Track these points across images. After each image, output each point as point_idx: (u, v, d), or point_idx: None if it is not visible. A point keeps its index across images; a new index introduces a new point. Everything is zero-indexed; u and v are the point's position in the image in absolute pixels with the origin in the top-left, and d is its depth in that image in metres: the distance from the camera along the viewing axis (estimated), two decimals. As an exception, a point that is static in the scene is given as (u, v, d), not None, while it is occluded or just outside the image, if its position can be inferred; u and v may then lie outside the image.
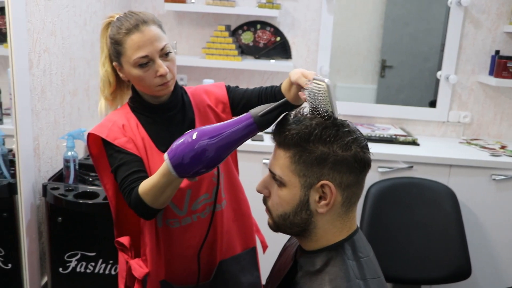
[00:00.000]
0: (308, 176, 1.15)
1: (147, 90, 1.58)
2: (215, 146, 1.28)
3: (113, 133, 1.56)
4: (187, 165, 1.29)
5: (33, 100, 2.18)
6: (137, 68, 1.52)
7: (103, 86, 1.65)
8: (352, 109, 3.52)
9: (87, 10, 2.68)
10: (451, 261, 2.76)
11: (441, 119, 3.48)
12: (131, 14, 1.53)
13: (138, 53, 1.49)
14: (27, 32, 2.09)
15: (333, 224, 1.20)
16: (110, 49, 1.58)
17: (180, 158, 1.29)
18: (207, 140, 1.28)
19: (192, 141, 1.28)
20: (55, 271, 2.26)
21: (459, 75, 3.40)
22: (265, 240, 1.96)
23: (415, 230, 2.82)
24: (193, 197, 1.64)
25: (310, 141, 1.14)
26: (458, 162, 2.97)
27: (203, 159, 1.28)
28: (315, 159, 1.13)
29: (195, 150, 1.28)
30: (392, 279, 2.82)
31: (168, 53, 1.54)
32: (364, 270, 1.20)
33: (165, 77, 1.53)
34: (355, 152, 1.15)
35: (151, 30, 1.51)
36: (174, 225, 1.65)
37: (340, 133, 1.15)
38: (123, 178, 1.52)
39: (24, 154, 2.12)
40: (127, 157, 1.54)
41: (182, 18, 3.44)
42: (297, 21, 3.41)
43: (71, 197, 2.15)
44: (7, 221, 2.16)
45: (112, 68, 1.62)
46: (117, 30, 1.52)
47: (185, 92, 1.71)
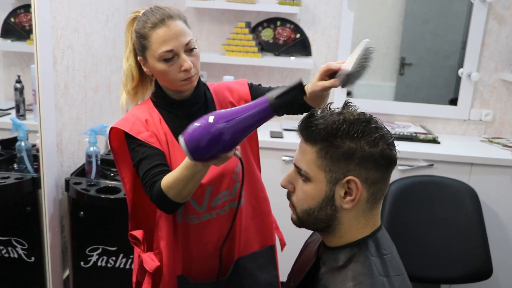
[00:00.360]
0: (334, 172, 1.14)
1: (171, 85, 1.58)
2: (231, 130, 1.28)
3: (136, 127, 1.57)
4: (203, 148, 1.28)
5: (57, 96, 2.21)
6: (161, 62, 1.52)
7: (126, 80, 1.66)
8: (371, 106, 3.50)
9: (110, 7, 2.70)
10: (472, 261, 2.74)
11: (462, 117, 3.45)
12: (157, 9, 1.54)
13: (164, 47, 1.50)
14: (52, 29, 2.12)
15: (358, 220, 1.20)
16: (135, 43, 1.59)
17: (196, 141, 1.28)
18: (224, 123, 1.27)
19: (208, 124, 1.28)
20: (77, 265, 2.29)
21: (482, 72, 3.37)
22: (284, 238, 1.96)
23: (435, 228, 2.80)
24: (213, 194, 1.64)
25: (338, 136, 1.13)
26: (479, 160, 2.95)
27: (219, 142, 1.28)
28: (342, 154, 1.13)
29: (212, 133, 1.27)
30: (411, 278, 2.76)
31: (193, 48, 1.55)
32: (387, 267, 1.19)
33: (189, 72, 1.53)
34: (382, 149, 1.14)
35: (176, 25, 1.52)
36: (193, 221, 1.65)
37: (367, 129, 1.14)
38: (146, 171, 1.52)
39: (48, 149, 2.14)
40: (149, 151, 1.55)
41: (203, 15, 3.45)
42: (318, 17, 3.40)
43: (93, 192, 2.18)
44: (30, 215, 2.19)
45: (135, 62, 1.63)
46: (143, 24, 1.53)
47: (207, 88, 1.72)
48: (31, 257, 2.24)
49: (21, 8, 2.36)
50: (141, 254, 1.69)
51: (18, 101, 2.37)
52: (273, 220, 1.89)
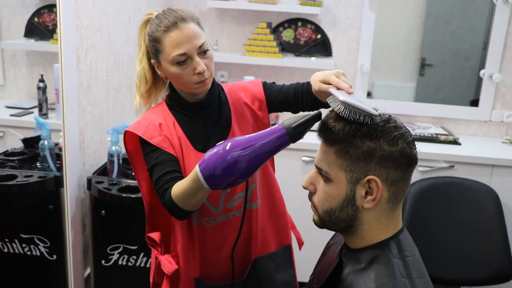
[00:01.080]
0: (354, 171, 1.14)
1: (185, 88, 1.58)
2: (247, 158, 1.27)
3: (150, 132, 1.57)
4: (218, 176, 1.29)
5: (80, 95, 2.23)
6: (175, 66, 1.52)
7: (139, 83, 1.66)
8: (392, 107, 3.49)
9: (132, 7, 2.72)
10: (492, 263, 2.71)
11: (483, 119, 3.42)
12: (170, 12, 1.53)
13: (177, 50, 1.49)
14: (76, 29, 2.14)
15: (379, 221, 1.20)
16: (148, 46, 1.58)
17: (211, 170, 1.29)
18: (240, 151, 1.27)
19: (224, 152, 1.28)
20: (98, 263, 2.31)
21: (503, 73, 3.34)
22: (301, 237, 1.96)
23: (456, 230, 2.78)
24: (229, 195, 1.64)
25: (357, 136, 1.13)
26: (500, 162, 2.92)
27: (235, 171, 1.28)
28: (361, 154, 1.13)
29: (227, 161, 1.27)
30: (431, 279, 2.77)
31: (207, 50, 1.54)
32: (410, 269, 1.19)
33: (203, 74, 1.52)
34: (402, 148, 1.14)
35: (189, 28, 1.51)
36: (209, 223, 1.65)
37: (386, 129, 1.14)
38: (158, 178, 1.52)
39: (71, 148, 2.17)
40: (162, 157, 1.54)
41: (224, 15, 3.46)
42: (338, 18, 3.40)
43: (115, 191, 2.19)
44: (53, 213, 2.22)
45: (149, 65, 1.63)
46: (156, 27, 1.52)
47: (222, 89, 1.71)
48: (53, 255, 2.26)
49: (45, 8, 2.39)
50: (158, 256, 1.69)
51: (41, 100, 2.40)
52: (288, 220, 1.88)
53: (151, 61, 1.60)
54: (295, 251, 1.90)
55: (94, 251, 2.33)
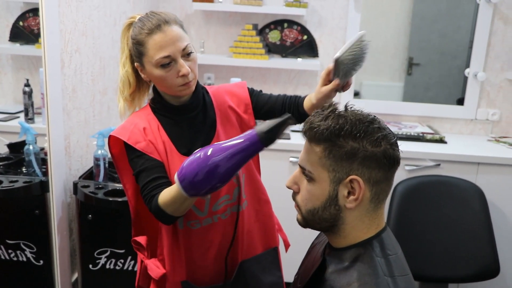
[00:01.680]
0: (337, 171, 1.16)
1: (169, 91, 1.58)
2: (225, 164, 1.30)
3: (134, 137, 1.57)
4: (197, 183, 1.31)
5: (65, 99, 2.23)
6: (159, 68, 1.52)
7: (123, 86, 1.65)
8: (379, 107, 3.52)
9: (117, 10, 2.72)
10: (479, 260, 2.74)
11: (469, 117, 3.45)
12: (153, 14, 1.53)
13: (160, 53, 1.50)
14: (60, 33, 2.14)
15: (362, 220, 1.21)
16: (131, 49, 1.58)
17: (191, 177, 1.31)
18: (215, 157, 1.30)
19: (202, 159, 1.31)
20: (85, 267, 2.30)
21: (488, 72, 3.37)
22: (288, 239, 1.97)
23: (443, 228, 2.80)
24: (213, 198, 1.64)
25: (341, 136, 1.15)
26: (486, 160, 2.94)
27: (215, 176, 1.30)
28: (344, 154, 1.14)
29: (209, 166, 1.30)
30: (419, 277, 2.81)
31: (190, 53, 1.54)
32: (392, 267, 1.20)
33: (187, 77, 1.53)
34: (385, 149, 1.15)
35: (173, 30, 1.51)
36: (195, 226, 1.65)
37: (370, 129, 1.15)
38: (144, 184, 1.53)
39: (56, 152, 2.16)
40: (148, 163, 1.55)
41: (210, 17, 3.46)
42: (324, 19, 3.41)
43: (101, 195, 2.19)
44: (39, 218, 2.21)
45: (132, 68, 1.62)
46: (139, 30, 1.52)
47: (206, 91, 1.71)
48: (39, 260, 2.25)
49: (30, 12, 2.38)
50: (144, 260, 1.69)
51: (27, 105, 2.39)
52: (275, 222, 1.89)
53: (135, 65, 1.60)
54: (282, 253, 1.91)
55: (81, 256, 2.32)
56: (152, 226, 1.71)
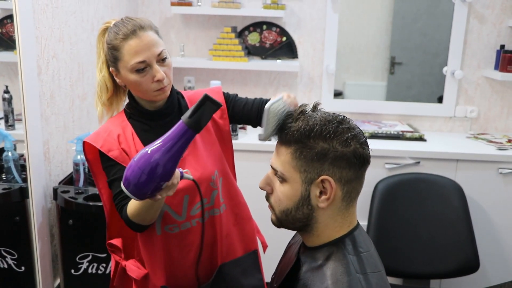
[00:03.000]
0: (308, 172, 1.18)
1: (144, 95, 1.59)
2: (163, 161, 1.29)
3: (108, 144, 1.58)
4: (141, 186, 1.30)
5: (42, 105, 2.23)
6: (134, 73, 1.53)
7: (101, 91, 1.66)
8: (360, 107, 3.55)
9: (95, 15, 2.72)
10: (459, 255, 2.77)
11: (448, 115, 3.48)
12: (128, 20, 1.54)
13: (136, 58, 1.50)
14: (36, 39, 2.14)
15: (334, 219, 1.23)
16: (107, 54, 1.59)
17: (134, 182, 1.30)
18: (149, 154, 1.30)
19: (137, 161, 1.30)
20: (68, 272, 2.31)
21: (465, 70, 3.41)
22: (265, 241, 1.98)
23: (423, 225, 2.83)
24: (191, 202, 1.65)
25: (311, 137, 1.17)
26: (465, 156, 2.98)
27: (155, 176, 1.30)
28: (315, 154, 1.17)
29: (147, 165, 1.29)
30: (401, 274, 2.84)
31: (165, 58, 1.56)
32: (364, 264, 1.22)
33: (162, 82, 1.54)
34: (355, 148, 1.18)
35: (148, 36, 1.52)
36: (173, 230, 1.66)
37: (339, 130, 1.17)
38: (116, 194, 1.57)
39: (35, 158, 2.16)
40: (120, 172, 1.55)
41: (189, 21, 3.48)
42: (303, 20, 3.43)
43: (81, 200, 2.20)
44: (19, 224, 2.21)
45: (109, 73, 1.63)
46: (115, 35, 1.53)
47: (182, 96, 1.72)
48: (21, 266, 2.25)
49: (8, 18, 2.37)
50: (121, 262, 1.70)
51: (7, 111, 2.39)
52: (254, 225, 1.91)
53: (110, 69, 1.61)
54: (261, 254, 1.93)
55: (63, 261, 2.32)
56: (126, 230, 1.71)
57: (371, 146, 1.24)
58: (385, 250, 2.77)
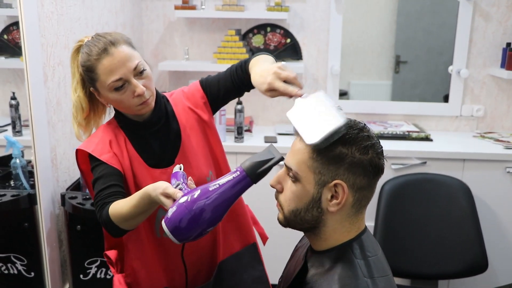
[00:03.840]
0: (323, 174, 1.19)
1: (128, 111, 1.58)
2: (211, 206, 1.23)
3: (99, 149, 1.56)
4: (185, 228, 1.23)
5: (49, 112, 2.24)
6: (113, 92, 1.51)
7: (76, 112, 1.63)
8: (365, 107, 3.54)
9: (99, 21, 2.73)
10: (468, 256, 2.76)
11: (454, 114, 3.48)
12: (98, 38, 1.51)
13: (112, 77, 1.48)
14: (41, 47, 2.15)
15: (342, 224, 1.24)
16: (83, 75, 1.56)
17: (177, 223, 1.23)
18: (204, 200, 1.23)
19: (188, 204, 1.24)
20: (77, 278, 2.32)
21: (471, 69, 3.40)
22: (265, 232, 1.98)
23: (431, 225, 2.83)
24: None
25: None
26: (471, 156, 2.97)
27: (201, 221, 1.23)
28: (332, 157, 1.17)
29: (193, 211, 1.23)
30: (409, 275, 2.83)
31: (143, 70, 1.53)
32: (372, 268, 1.22)
33: (143, 96, 1.52)
34: (372, 157, 1.19)
35: (120, 52, 1.49)
36: None
37: (360, 136, 1.19)
38: (99, 191, 1.51)
39: (42, 165, 2.17)
40: (106, 170, 1.53)
41: (193, 24, 3.48)
42: (306, 22, 3.44)
43: (89, 206, 2.20)
44: (28, 231, 2.22)
45: (84, 93, 1.61)
46: (87, 57, 1.50)
47: (167, 101, 1.70)
48: (30, 272, 2.26)
49: (14, 25, 2.38)
50: (114, 274, 1.70)
51: (14, 118, 2.40)
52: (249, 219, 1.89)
53: (91, 89, 1.58)
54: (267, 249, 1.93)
55: (72, 266, 2.33)
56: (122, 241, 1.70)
57: None
58: (392, 251, 2.77)
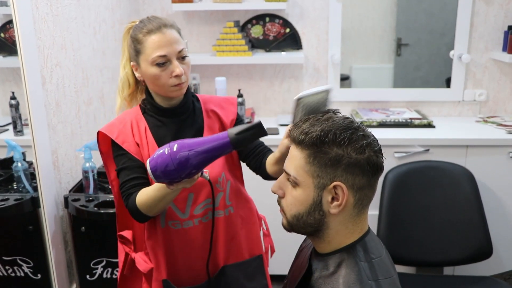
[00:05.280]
0: (321, 177, 1.19)
1: (161, 90, 1.63)
2: (194, 159, 1.36)
3: (122, 136, 1.65)
4: (165, 172, 1.37)
5: (49, 115, 2.23)
6: (154, 67, 1.58)
7: (122, 87, 1.74)
8: (367, 95, 3.53)
9: (96, 19, 2.71)
10: (472, 242, 2.76)
11: (456, 99, 3.46)
12: (154, 18, 1.63)
13: (158, 51, 1.57)
14: (38, 50, 2.13)
15: (345, 226, 1.24)
16: (130, 48, 1.66)
17: (160, 166, 1.37)
18: (187, 151, 1.36)
19: (172, 152, 1.36)
20: (83, 278, 2.33)
21: (472, 53, 3.37)
22: (274, 245, 2.01)
23: (435, 213, 2.82)
24: (195, 201, 1.69)
25: (325, 143, 1.17)
26: (474, 142, 2.96)
27: (181, 169, 1.36)
28: (329, 160, 1.17)
29: (176, 159, 1.35)
30: (414, 263, 2.84)
31: (185, 57, 1.62)
32: (376, 271, 1.22)
33: (180, 78, 1.60)
34: (369, 156, 1.18)
35: (171, 33, 1.60)
36: (175, 226, 1.70)
37: (355, 137, 1.18)
38: (124, 182, 1.63)
39: (44, 168, 2.17)
40: (130, 162, 1.64)
41: (191, 17, 3.46)
42: (306, 11, 3.41)
43: (92, 208, 2.21)
44: (32, 233, 2.23)
45: (132, 70, 1.70)
46: (140, 30, 1.61)
47: (197, 99, 1.77)
48: (37, 274, 2.27)
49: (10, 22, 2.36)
50: (131, 253, 1.76)
51: (15, 117, 2.38)
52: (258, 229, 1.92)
53: (131, 64, 1.68)
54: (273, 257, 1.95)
55: (78, 267, 2.34)
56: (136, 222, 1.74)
57: (380, 135, 1.25)
58: (397, 239, 2.78)
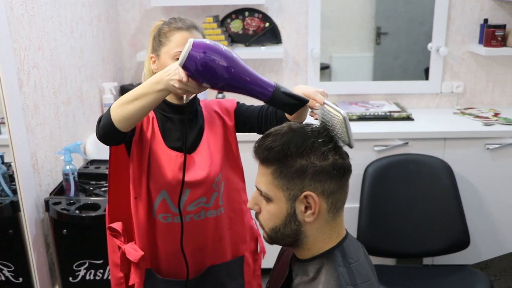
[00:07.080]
0: (291, 189, 1.20)
1: None
2: (236, 73, 1.32)
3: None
4: (206, 61, 1.30)
5: (27, 117, 2.21)
6: (174, 61, 1.60)
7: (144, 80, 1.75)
8: (347, 88, 3.54)
9: (73, 17, 2.68)
10: (450, 233, 2.81)
11: (434, 91, 3.49)
12: (185, 19, 1.70)
13: (181, 47, 1.60)
14: (14, 52, 2.11)
15: (322, 231, 1.25)
16: (154, 40, 1.70)
17: (211, 52, 1.30)
18: (242, 63, 1.34)
19: (229, 52, 1.33)
20: (66, 280, 2.32)
21: (450, 45, 3.40)
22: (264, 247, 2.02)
23: (414, 205, 2.86)
24: (190, 198, 1.70)
25: (288, 156, 1.19)
26: (452, 135, 2.99)
27: (216, 69, 1.31)
28: (295, 172, 1.18)
29: (230, 58, 1.32)
30: (394, 255, 2.89)
31: None
32: (354, 275, 1.24)
33: None
34: (333, 160, 1.19)
35: (197, 36, 1.67)
36: (166, 219, 1.72)
37: (316, 145, 1.19)
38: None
39: (23, 171, 2.15)
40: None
41: (170, 12, 3.43)
42: (285, 5, 3.40)
43: (73, 211, 2.20)
44: (13, 237, 2.21)
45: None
46: (169, 25, 1.67)
47: (198, 103, 1.81)
48: (18, 278, 2.27)
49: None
50: (121, 245, 1.76)
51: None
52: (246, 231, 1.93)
53: (150, 55, 1.73)
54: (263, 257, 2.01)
55: (60, 269, 2.33)
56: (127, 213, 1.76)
57: (360, 129, 1.26)
58: (377, 231, 2.81)
